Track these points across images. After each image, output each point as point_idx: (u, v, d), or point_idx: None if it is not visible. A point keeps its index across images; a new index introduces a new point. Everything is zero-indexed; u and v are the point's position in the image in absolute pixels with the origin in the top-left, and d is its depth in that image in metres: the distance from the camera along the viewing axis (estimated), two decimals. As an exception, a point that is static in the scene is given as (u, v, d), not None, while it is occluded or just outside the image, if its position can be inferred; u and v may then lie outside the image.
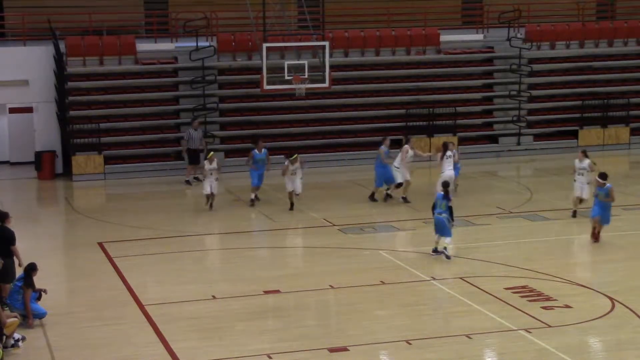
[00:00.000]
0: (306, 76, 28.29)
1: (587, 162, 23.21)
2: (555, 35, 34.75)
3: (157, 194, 27.69)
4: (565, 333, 15.60)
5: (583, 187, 23.13)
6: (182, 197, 27.81)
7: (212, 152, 24.67)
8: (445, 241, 19.81)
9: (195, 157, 28.36)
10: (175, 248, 21.24)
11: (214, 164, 24.41)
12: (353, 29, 33.73)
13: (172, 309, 17.17)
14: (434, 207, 19.86)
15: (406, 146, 25.08)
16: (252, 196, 25.22)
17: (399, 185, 25.15)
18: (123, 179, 29.59)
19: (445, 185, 20.33)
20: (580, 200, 23.29)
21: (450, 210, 19.72)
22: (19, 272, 16.66)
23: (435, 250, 19.93)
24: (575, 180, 23.33)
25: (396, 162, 25.01)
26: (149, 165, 30.12)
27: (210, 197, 24.59)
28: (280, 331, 16.04)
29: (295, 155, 24.13)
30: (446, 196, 19.78)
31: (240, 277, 19.05)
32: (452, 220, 19.87)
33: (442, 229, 19.74)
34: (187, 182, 28.46)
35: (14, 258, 16.82)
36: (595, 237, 21.08)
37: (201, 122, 29.74)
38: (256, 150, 25.27)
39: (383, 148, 25.10)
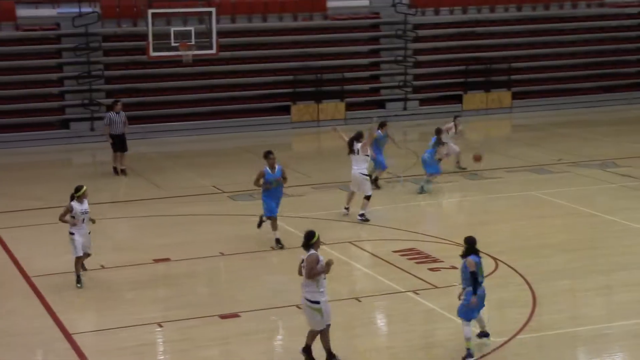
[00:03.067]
0: (193, 43, 28.04)
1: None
2: (439, 2, 35.19)
3: (42, 164, 27.13)
4: (451, 294, 15.88)
5: None
6: (68, 166, 27.30)
7: (84, 187, 16.54)
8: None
9: (120, 144, 25.06)
10: (62, 218, 20.86)
11: (86, 204, 16.59)
12: (239, -5, 33.49)
13: (60, 279, 16.91)
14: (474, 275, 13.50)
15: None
16: (276, 235, 18.66)
17: None
18: (6, 149, 28.83)
19: (469, 242, 13.80)
20: None
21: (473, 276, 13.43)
22: None
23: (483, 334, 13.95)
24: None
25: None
26: (32, 134, 29.44)
27: (83, 259, 16.77)
28: (171, 299, 15.98)
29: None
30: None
31: (129, 246, 18.88)
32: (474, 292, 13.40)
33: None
34: (115, 170, 25.15)
35: None
36: None
37: (123, 103, 26.07)
38: (267, 168, 18.49)
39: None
